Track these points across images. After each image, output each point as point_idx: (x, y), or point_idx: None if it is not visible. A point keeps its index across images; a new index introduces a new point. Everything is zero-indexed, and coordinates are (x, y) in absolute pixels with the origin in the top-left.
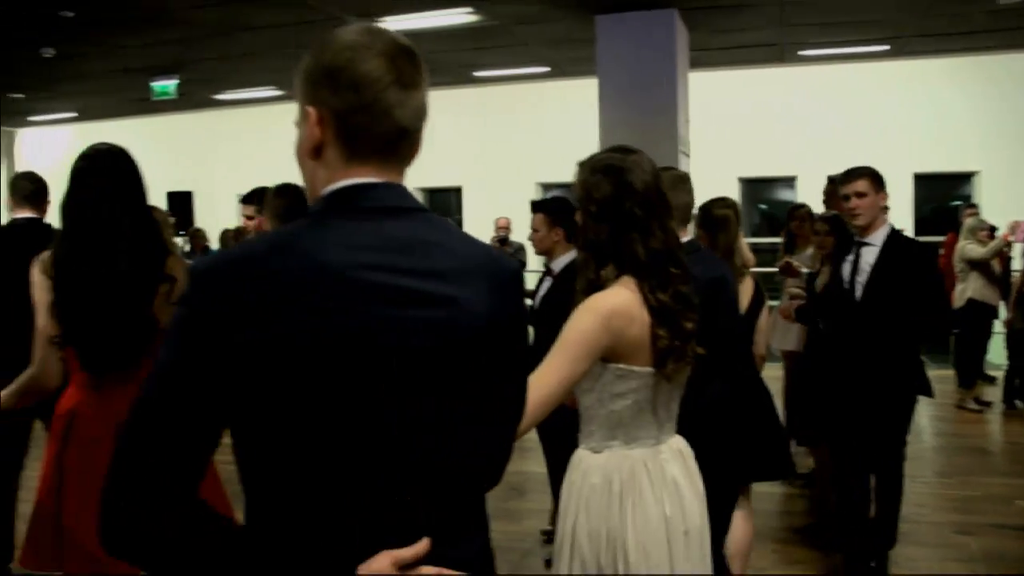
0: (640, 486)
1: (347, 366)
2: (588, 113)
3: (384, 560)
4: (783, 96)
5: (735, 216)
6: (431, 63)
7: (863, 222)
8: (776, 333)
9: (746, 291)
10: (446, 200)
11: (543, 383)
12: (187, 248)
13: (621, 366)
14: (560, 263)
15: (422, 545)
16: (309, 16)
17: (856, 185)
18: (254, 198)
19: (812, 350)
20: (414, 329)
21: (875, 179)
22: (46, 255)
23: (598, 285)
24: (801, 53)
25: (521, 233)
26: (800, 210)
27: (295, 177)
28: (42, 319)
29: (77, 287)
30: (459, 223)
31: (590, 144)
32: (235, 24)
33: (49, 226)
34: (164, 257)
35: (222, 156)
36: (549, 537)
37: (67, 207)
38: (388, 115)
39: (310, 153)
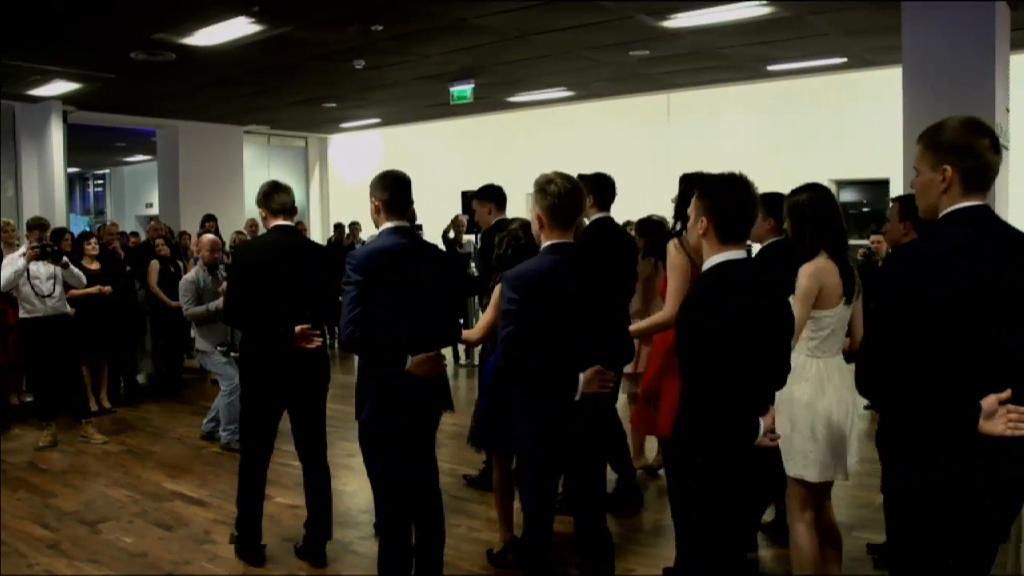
0: None
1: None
2: (887, 105)
3: (992, 399)
4: None
5: None
6: (723, 58)
7: None
8: None
9: None
10: None
11: None
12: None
13: None
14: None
15: (1007, 393)
16: (601, 17)
17: None
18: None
19: None
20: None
21: None
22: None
23: None
24: None
25: None
26: None
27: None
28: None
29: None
30: None
31: (893, 139)
32: (529, 28)
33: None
34: None
35: (516, 156)
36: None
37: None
38: (990, 169)
39: (943, 190)
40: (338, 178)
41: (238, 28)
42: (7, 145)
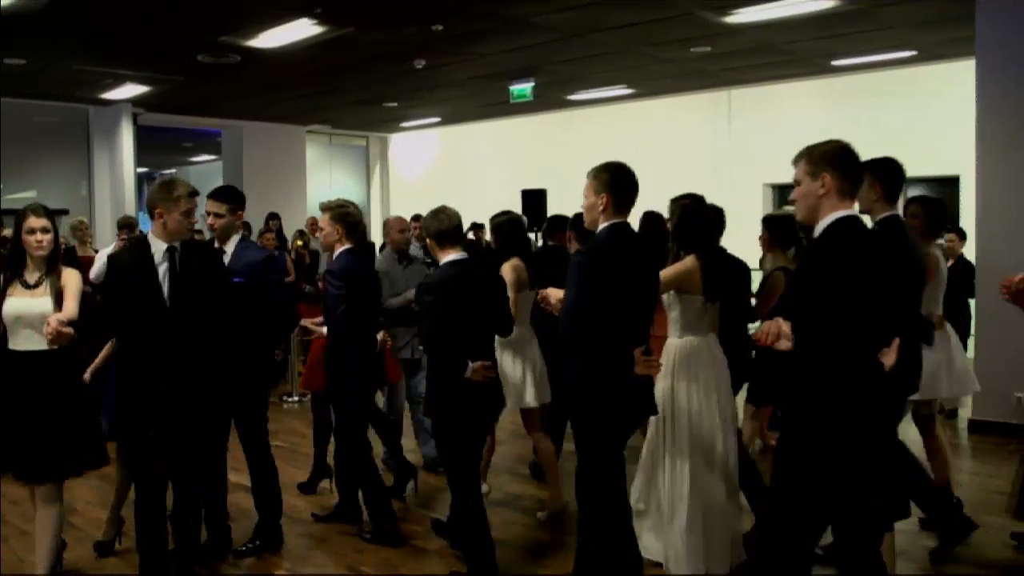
0: None
1: None
2: (956, 100)
3: None
4: None
5: None
6: (787, 54)
7: None
8: None
9: None
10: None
11: None
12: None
13: None
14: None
15: None
16: (662, 13)
17: None
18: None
19: None
20: None
21: None
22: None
23: None
24: None
25: None
26: None
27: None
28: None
29: None
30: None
31: (963, 135)
32: (589, 26)
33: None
34: None
35: (574, 153)
36: None
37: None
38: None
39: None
40: (399, 177)
41: (301, 30)
42: (81, 146)
